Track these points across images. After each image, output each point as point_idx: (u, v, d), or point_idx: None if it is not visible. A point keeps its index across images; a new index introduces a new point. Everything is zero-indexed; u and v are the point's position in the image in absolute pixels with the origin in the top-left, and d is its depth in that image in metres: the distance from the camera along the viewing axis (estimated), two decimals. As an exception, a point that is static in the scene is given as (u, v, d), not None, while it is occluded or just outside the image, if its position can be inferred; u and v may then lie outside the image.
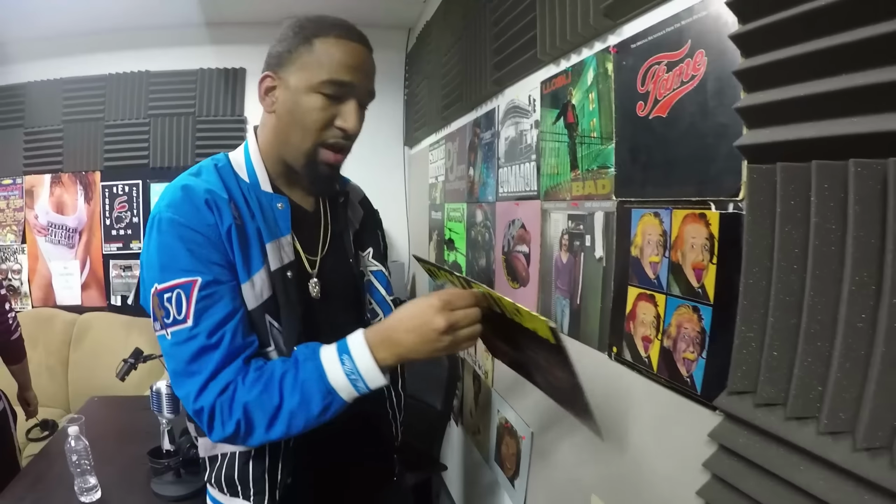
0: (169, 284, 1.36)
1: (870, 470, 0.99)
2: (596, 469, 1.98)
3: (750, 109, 1.23)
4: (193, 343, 1.35)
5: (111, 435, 3.13)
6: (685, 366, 1.49)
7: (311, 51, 1.46)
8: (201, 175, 1.51)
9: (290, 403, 1.33)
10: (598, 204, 1.91)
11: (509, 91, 2.71)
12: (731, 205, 1.32)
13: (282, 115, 1.51)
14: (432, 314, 1.33)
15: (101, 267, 5.50)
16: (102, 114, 5.36)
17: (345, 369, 1.34)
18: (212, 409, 1.34)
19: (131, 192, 5.41)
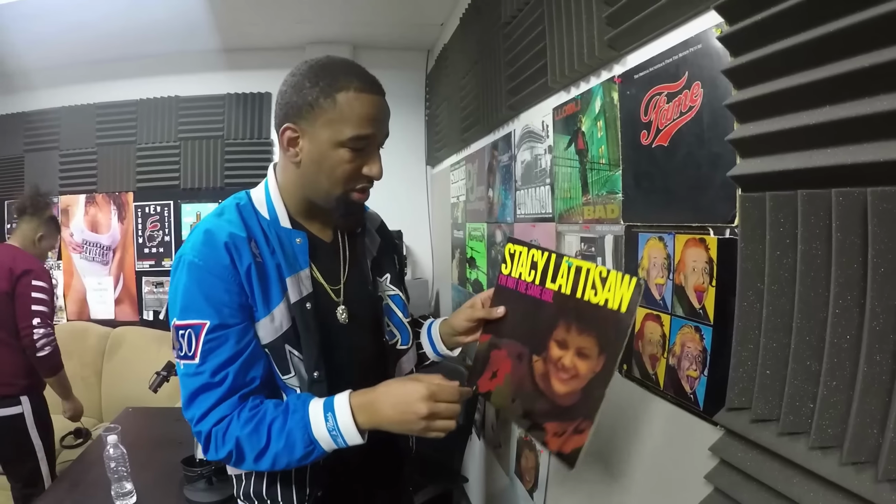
0: (184, 323, 1.46)
1: (855, 483, 1.04)
2: (609, 481, 2.02)
3: (742, 141, 1.29)
4: (199, 378, 1.46)
5: (146, 444, 3.21)
6: (689, 383, 1.55)
7: (334, 106, 1.47)
8: (224, 215, 1.58)
9: (275, 446, 1.44)
10: (607, 227, 1.96)
11: (524, 116, 2.77)
12: (728, 230, 1.38)
13: (308, 165, 1.54)
14: (416, 399, 1.42)
15: (134, 283, 5.62)
16: (134, 137, 5.49)
17: (328, 426, 1.44)
18: (208, 436, 1.46)
19: (163, 213, 5.53)
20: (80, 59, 5.32)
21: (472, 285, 3.87)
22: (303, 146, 1.52)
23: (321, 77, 1.48)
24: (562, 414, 1.48)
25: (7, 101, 5.69)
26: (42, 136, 5.64)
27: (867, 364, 1.02)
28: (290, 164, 1.58)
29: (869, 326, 1.01)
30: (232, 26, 4.93)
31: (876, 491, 1.00)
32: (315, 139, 1.50)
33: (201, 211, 5.43)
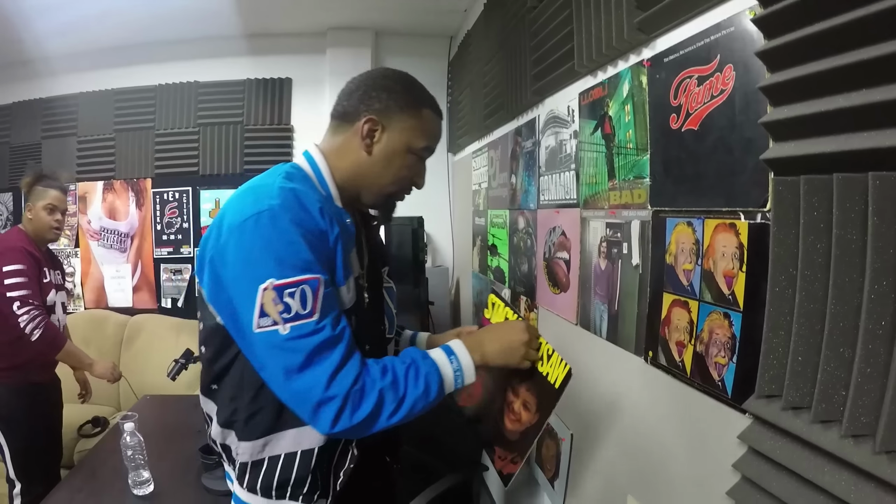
0: (292, 280, 1.39)
1: (889, 472, 1.02)
2: (632, 470, 2.02)
3: (776, 124, 1.27)
4: (319, 336, 1.42)
5: (163, 432, 3.21)
6: (716, 370, 1.53)
7: (419, 117, 1.69)
8: (295, 181, 1.56)
9: (414, 392, 1.50)
10: (634, 213, 1.95)
11: (549, 101, 2.76)
12: (759, 215, 1.36)
13: (378, 157, 1.67)
14: (519, 332, 1.73)
15: (152, 270, 5.64)
16: (153, 123, 5.50)
17: (452, 367, 1.60)
18: (345, 398, 1.41)
19: (181, 199, 5.54)
20: (99, 45, 5.34)
21: (494, 272, 3.87)
22: (380, 139, 1.66)
23: (413, 90, 1.71)
24: (507, 444, 1.91)
25: (25, 88, 5.70)
26: (60, 122, 5.65)
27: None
28: (357, 150, 1.68)
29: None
30: (252, 11, 4.93)
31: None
32: (392, 138, 1.67)
33: (220, 198, 5.44)
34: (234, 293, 1.45)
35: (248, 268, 1.42)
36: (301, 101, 5.45)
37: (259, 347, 1.43)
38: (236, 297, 1.45)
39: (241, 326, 1.46)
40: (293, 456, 1.63)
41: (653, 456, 1.90)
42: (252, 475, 1.65)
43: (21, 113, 5.71)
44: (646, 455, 1.94)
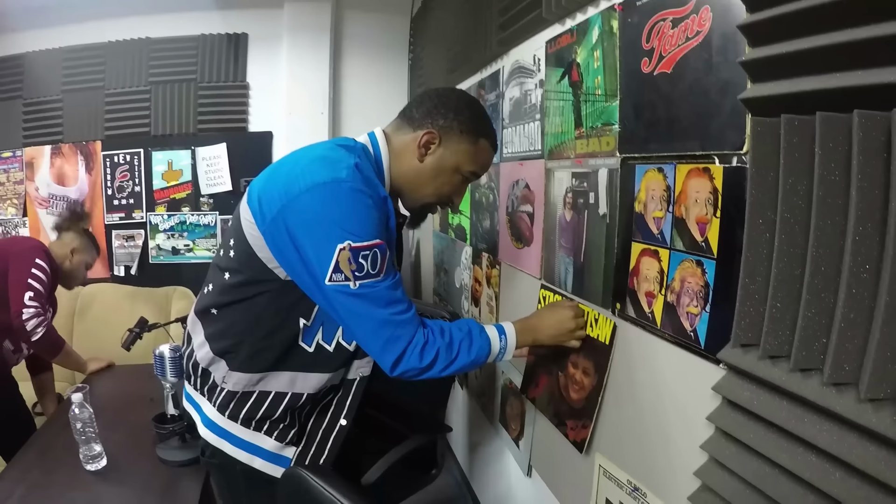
0: (367, 244, 1.58)
1: (874, 421, 1.00)
2: (600, 427, 1.99)
3: (754, 63, 1.22)
4: (387, 289, 1.64)
5: (117, 404, 3.14)
6: (689, 320, 1.50)
7: (475, 144, 1.84)
8: (361, 160, 1.71)
9: (464, 359, 1.75)
10: (602, 161, 1.91)
11: (514, 52, 2.70)
12: (735, 158, 1.32)
13: (428, 168, 1.83)
14: (568, 319, 1.96)
15: (104, 238, 5.39)
16: (103, 82, 5.25)
17: (500, 345, 1.83)
18: (410, 344, 1.67)
19: (133, 162, 5.32)
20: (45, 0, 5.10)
21: (455, 231, 3.82)
22: (434, 152, 1.82)
23: (478, 120, 1.86)
24: (575, 414, 2.10)
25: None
26: (3, 84, 5.39)
27: (889, 294, 0.97)
28: (412, 155, 1.83)
29: (893, 254, 0.96)
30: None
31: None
32: (445, 155, 1.82)
33: (172, 159, 5.26)
34: (309, 246, 1.60)
35: (327, 227, 1.58)
36: (257, 58, 5.27)
37: (331, 295, 1.61)
38: (311, 250, 1.59)
39: (312, 275, 1.62)
40: (283, 396, 1.81)
41: (622, 411, 1.87)
42: (237, 405, 1.81)
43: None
44: (615, 411, 1.91)
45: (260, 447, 1.83)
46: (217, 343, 1.80)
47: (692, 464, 1.46)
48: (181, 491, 2.26)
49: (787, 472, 1.18)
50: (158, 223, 5.31)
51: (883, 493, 0.99)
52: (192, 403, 1.94)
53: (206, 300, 1.85)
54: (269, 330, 1.75)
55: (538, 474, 2.58)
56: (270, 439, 1.82)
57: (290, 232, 1.60)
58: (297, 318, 1.74)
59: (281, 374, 1.79)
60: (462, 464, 4.03)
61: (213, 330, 1.82)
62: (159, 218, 5.30)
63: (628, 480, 1.82)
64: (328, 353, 1.80)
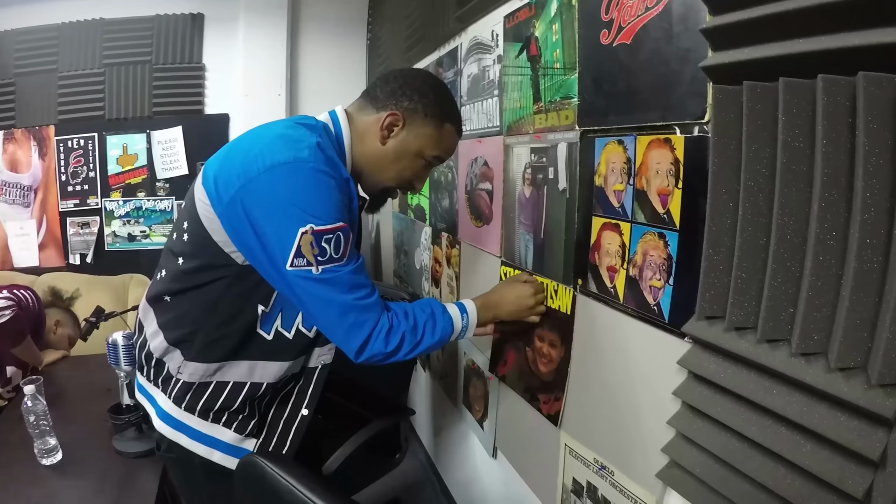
0: (330, 227, 1.52)
1: (846, 390, 0.99)
2: (566, 405, 1.98)
3: (715, 30, 1.21)
4: (349, 274, 1.58)
5: (73, 395, 3.07)
6: (652, 294, 1.49)
7: (439, 128, 1.78)
8: (323, 139, 1.64)
9: (429, 341, 1.73)
10: (561, 135, 1.89)
11: (472, 28, 2.67)
12: (697, 128, 1.31)
13: (390, 151, 1.77)
14: (528, 296, 1.97)
15: (59, 225, 5.27)
16: (56, 65, 5.11)
17: (462, 323, 1.82)
18: (374, 330, 1.63)
19: (87, 146, 5.18)
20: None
21: (414, 211, 3.79)
22: (397, 135, 1.76)
23: (444, 102, 1.80)
24: (546, 388, 2.09)
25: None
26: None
27: (857, 260, 0.96)
28: (374, 137, 1.77)
29: (860, 219, 0.94)
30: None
31: (868, 397, 0.96)
32: (409, 139, 1.76)
33: (127, 143, 5.14)
34: (269, 229, 1.53)
35: (288, 210, 1.51)
36: (213, 39, 5.16)
37: (292, 280, 1.55)
38: (270, 234, 1.53)
39: (272, 260, 1.55)
40: (241, 386, 1.76)
41: (587, 389, 1.86)
42: (194, 396, 1.74)
43: None
44: (579, 389, 1.91)
45: (218, 440, 1.77)
46: (171, 332, 1.74)
47: (659, 440, 1.46)
48: (139, 482, 2.21)
49: (757, 445, 1.17)
50: (114, 209, 5.19)
51: (856, 463, 0.99)
52: (146, 395, 1.88)
53: (158, 287, 1.78)
54: (225, 317, 1.69)
55: (503, 455, 2.57)
56: (229, 431, 1.77)
57: (249, 215, 1.53)
58: (255, 304, 1.69)
59: (239, 363, 1.73)
60: (427, 447, 4.01)
61: (166, 318, 1.75)
62: (115, 204, 5.19)
63: (595, 459, 1.81)
64: (288, 340, 1.75)
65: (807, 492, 1.07)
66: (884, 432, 0.95)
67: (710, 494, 1.30)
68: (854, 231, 0.96)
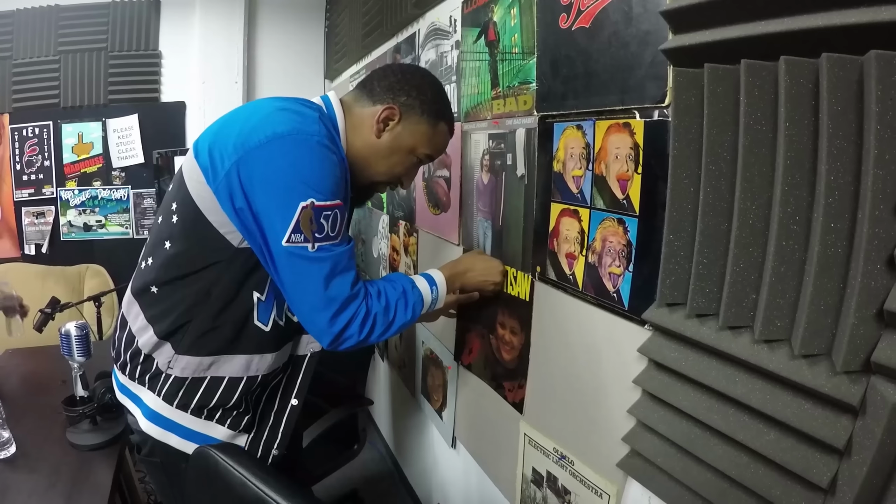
0: (329, 204, 1.50)
1: (809, 377, 0.98)
2: (525, 394, 1.97)
3: (676, 13, 1.19)
4: (342, 255, 1.57)
5: (26, 387, 3.01)
6: (611, 281, 1.48)
7: (433, 127, 1.75)
8: (323, 118, 1.62)
9: (402, 319, 1.72)
10: (519, 121, 1.89)
11: (430, 14, 2.66)
12: (657, 112, 1.29)
13: (384, 145, 1.73)
14: (497, 272, 2.04)
15: (13, 215, 5.20)
16: (10, 52, 5.03)
17: (432, 296, 1.84)
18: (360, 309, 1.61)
19: (42, 135, 5.11)
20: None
21: (371, 200, 3.76)
22: (392, 129, 1.72)
23: (439, 101, 1.77)
24: (510, 375, 2.09)
25: None
26: None
27: (821, 245, 0.95)
28: (369, 130, 1.73)
29: (823, 203, 0.93)
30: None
31: (833, 384, 0.95)
32: (403, 134, 1.73)
33: (83, 131, 5.09)
34: (267, 201, 1.49)
35: (290, 182, 1.48)
36: (170, 25, 5.11)
37: (285, 257, 1.51)
38: (269, 206, 1.49)
39: (267, 234, 1.51)
40: (238, 381, 1.71)
41: (546, 378, 1.86)
42: (187, 393, 1.68)
43: None
44: (538, 378, 1.90)
45: (211, 437, 1.71)
46: (160, 325, 1.65)
47: (620, 429, 1.45)
48: (93, 475, 2.16)
49: (720, 433, 1.17)
50: (69, 198, 5.13)
51: (820, 452, 0.99)
52: (130, 395, 1.79)
53: (144, 277, 1.70)
54: (220, 306, 1.63)
55: (462, 445, 2.58)
56: (223, 428, 1.72)
57: (246, 186, 1.49)
58: (250, 291, 1.64)
59: (234, 357, 1.68)
60: (386, 437, 4.01)
61: (155, 311, 1.67)
62: (70, 193, 5.13)
63: (554, 448, 1.80)
64: (281, 329, 1.73)
65: (770, 481, 1.07)
66: (849, 420, 0.95)
67: (672, 484, 1.30)
68: (818, 215, 0.95)
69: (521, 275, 1.96)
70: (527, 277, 1.92)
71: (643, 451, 1.37)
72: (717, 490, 1.18)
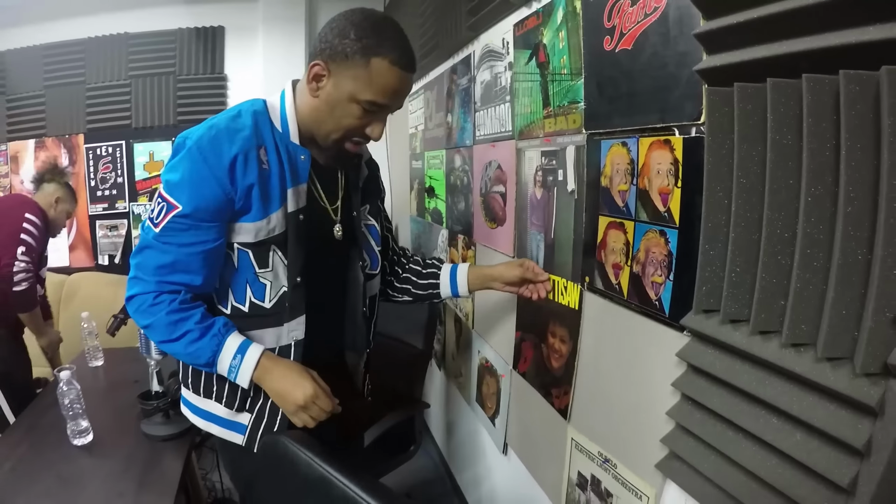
0: (165, 195, 1.61)
1: (832, 380, 1.02)
2: (572, 400, 2.02)
3: (708, 35, 1.25)
4: (149, 242, 1.66)
5: (102, 384, 3.19)
6: (654, 289, 1.53)
7: (366, 67, 1.58)
8: (240, 119, 1.69)
9: (180, 349, 1.66)
10: (569, 139, 1.94)
11: (484, 36, 2.72)
12: (694, 129, 1.35)
13: (322, 104, 1.67)
14: (301, 392, 1.67)
15: (88, 228, 5.45)
16: (83, 77, 5.28)
17: (232, 363, 1.67)
18: (144, 298, 1.67)
19: (115, 153, 5.36)
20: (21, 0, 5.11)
21: (431, 214, 3.84)
22: (325, 86, 1.65)
23: (366, 35, 1.57)
24: (557, 382, 2.15)
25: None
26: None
27: (842, 254, 1.00)
28: (307, 92, 1.69)
29: (843, 212, 0.98)
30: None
31: (854, 386, 0.99)
32: (337, 86, 1.63)
33: (154, 150, 5.30)
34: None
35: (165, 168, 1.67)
36: (234, 50, 5.30)
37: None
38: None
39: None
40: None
41: (593, 384, 1.91)
42: (184, 372, 1.90)
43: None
44: (585, 384, 1.95)
45: (213, 414, 1.85)
46: None
47: (660, 432, 1.50)
48: (164, 464, 2.29)
49: (751, 435, 1.20)
50: (141, 213, 5.33)
51: (842, 452, 1.02)
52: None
53: None
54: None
55: (513, 452, 2.62)
56: (221, 406, 1.83)
57: None
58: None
59: None
60: (440, 444, 4.07)
61: None
62: (142, 208, 5.34)
63: (599, 452, 1.85)
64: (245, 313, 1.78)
65: (796, 480, 1.10)
66: (870, 421, 0.98)
67: (707, 485, 1.34)
68: (839, 225, 0.99)
69: (570, 285, 2.00)
70: (576, 287, 1.96)
71: (680, 452, 1.41)
72: (747, 490, 1.22)
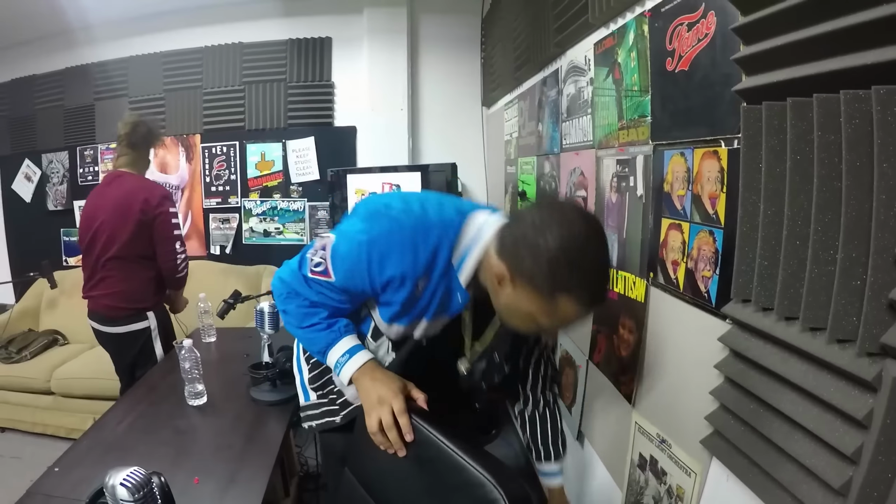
0: (328, 257, 1.75)
1: (839, 359, 1.17)
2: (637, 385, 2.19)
3: (744, 59, 1.42)
4: (302, 275, 1.82)
5: (215, 356, 3.47)
6: (703, 283, 1.69)
7: (551, 300, 1.45)
8: (427, 240, 1.65)
9: (303, 333, 1.87)
10: (638, 149, 2.10)
11: (569, 52, 2.87)
12: (735, 141, 1.51)
13: (500, 299, 1.59)
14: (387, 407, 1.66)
15: (202, 220, 5.85)
16: (200, 82, 5.66)
17: (340, 359, 1.81)
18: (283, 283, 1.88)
19: (229, 153, 5.73)
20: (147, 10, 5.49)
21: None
22: (505, 288, 1.54)
23: (559, 270, 1.41)
24: (624, 370, 2.28)
25: (77, 54, 5.87)
26: (111, 85, 5.83)
27: (843, 250, 1.15)
28: (492, 277, 1.58)
29: (845, 217, 1.14)
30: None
31: (857, 364, 1.13)
32: (518, 298, 1.51)
33: (265, 150, 5.63)
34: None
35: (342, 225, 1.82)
36: (341, 59, 5.55)
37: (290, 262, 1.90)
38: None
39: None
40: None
41: (654, 369, 2.07)
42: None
43: (74, 78, 5.90)
44: (648, 369, 2.11)
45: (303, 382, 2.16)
46: None
47: (706, 411, 1.65)
48: (269, 424, 2.54)
49: (777, 410, 1.36)
50: (252, 208, 5.74)
51: (848, 424, 1.16)
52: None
53: None
54: None
55: (586, 438, 2.80)
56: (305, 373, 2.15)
57: None
58: None
59: None
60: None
61: None
62: (252, 203, 5.73)
63: (657, 434, 2.01)
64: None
65: (811, 451, 1.25)
66: (871, 396, 1.12)
67: (743, 460, 1.49)
68: (842, 225, 1.15)
69: (638, 280, 2.15)
70: (642, 283, 2.11)
71: (721, 429, 1.57)
72: (774, 462, 1.36)
